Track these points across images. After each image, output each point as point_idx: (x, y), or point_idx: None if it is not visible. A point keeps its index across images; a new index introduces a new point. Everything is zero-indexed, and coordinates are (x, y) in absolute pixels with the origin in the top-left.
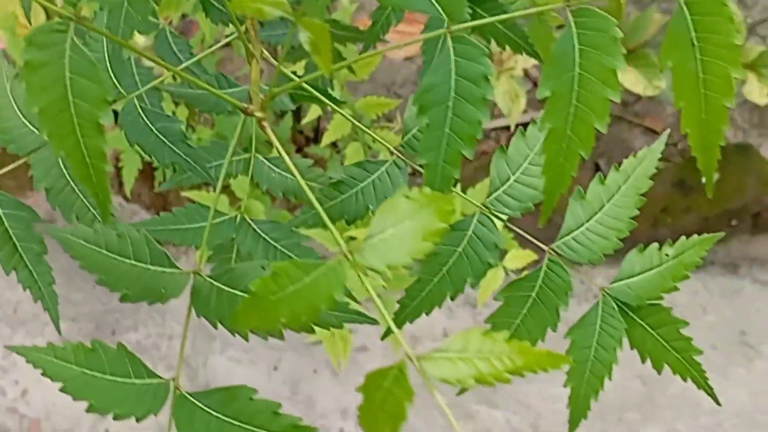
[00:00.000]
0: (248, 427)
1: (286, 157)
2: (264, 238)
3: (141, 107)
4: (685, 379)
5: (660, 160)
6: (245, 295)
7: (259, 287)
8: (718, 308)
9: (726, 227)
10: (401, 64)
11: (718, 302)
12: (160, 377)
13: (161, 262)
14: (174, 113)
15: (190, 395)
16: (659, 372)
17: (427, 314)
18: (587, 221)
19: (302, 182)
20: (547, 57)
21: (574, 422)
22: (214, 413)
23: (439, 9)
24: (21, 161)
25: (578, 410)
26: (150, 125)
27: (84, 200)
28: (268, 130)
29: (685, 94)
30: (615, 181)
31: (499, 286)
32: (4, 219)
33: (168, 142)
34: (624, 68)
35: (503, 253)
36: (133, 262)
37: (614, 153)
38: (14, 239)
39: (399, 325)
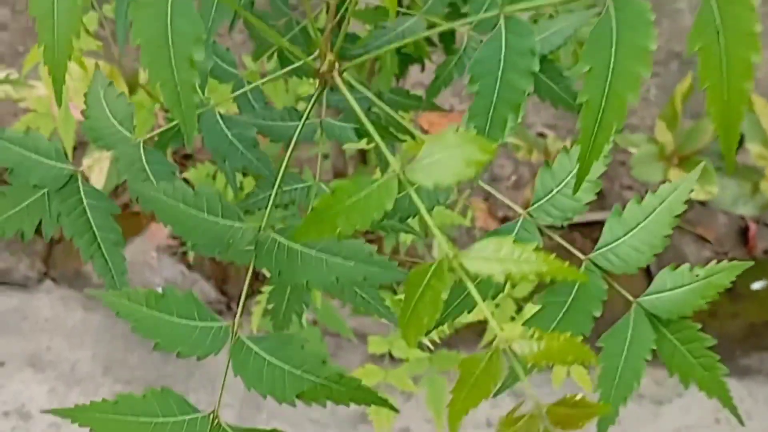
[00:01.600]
0: (297, 372)
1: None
2: None
3: (219, 114)
4: (710, 397)
5: None
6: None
7: (320, 203)
8: (763, 416)
9: None
10: None
11: (763, 410)
12: (222, 321)
13: (231, 216)
14: None
15: (248, 338)
16: (686, 386)
17: None
18: (623, 236)
19: None
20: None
21: (602, 428)
22: (267, 356)
23: None
24: (108, 152)
25: (607, 416)
26: (226, 131)
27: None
28: (344, 89)
29: (710, 75)
30: (651, 203)
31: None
32: (87, 209)
33: (241, 147)
34: (655, 47)
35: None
36: (206, 215)
37: (665, 258)
38: (94, 228)
39: None
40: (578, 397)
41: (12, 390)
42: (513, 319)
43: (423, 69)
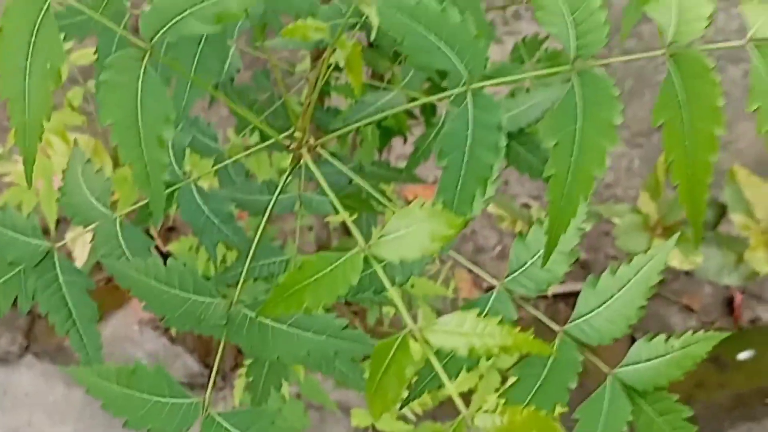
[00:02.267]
0: None
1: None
2: None
3: (197, 188)
4: None
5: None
6: None
7: (287, 279)
8: None
9: (760, 405)
10: None
11: None
12: (192, 397)
13: (203, 292)
14: None
15: (218, 414)
16: None
17: None
18: (597, 307)
19: None
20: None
21: None
22: None
23: (461, 68)
24: (90, 228)
25: None
26: (203, 206)
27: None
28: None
29: (674, 149)
30: (626, 274)
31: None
32: (63, 285)
33: (217, 222)
34: (620, 122)
35: None
36: (178, 291)
37: (651, 327)
38: (69, 305)
39: None
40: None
41: None
42: (497, 390)
43: (405, 141)
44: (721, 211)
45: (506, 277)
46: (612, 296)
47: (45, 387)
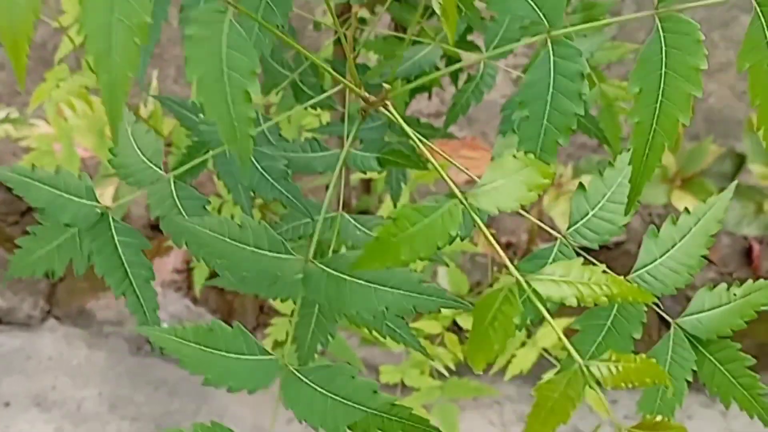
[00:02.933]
0: (349, 402)
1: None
2: None
3: (240, 162)
4: (751, 416)
5: None
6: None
7: (382, 232)
8: None
9: None
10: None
11: None
12: (271, 354)
13: (278, 249)
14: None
15: (297, 371)
16: (727, 407)
17: None
18: (660, 257)
19: None
20: (616, 140)
21: None
22: (318, 388)
23: (541, 15)
24: (143, 190)
25: None
26: (256, 163)
27: (192, 224)
28: (390, 107)
29: (761, 92)
30: (687, 223)
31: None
32: (118, 246)
33: (271, 179)
34: (706, 67)
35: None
36: (253, 248)
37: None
38: (126, 265)
39: None
40: (657, 419)
41: (17, 430)
42: (524, 344)
43: (430, 97)
44: (740, 161)
45: (568, 228)
46: (674, 245)
47: (68, 350)
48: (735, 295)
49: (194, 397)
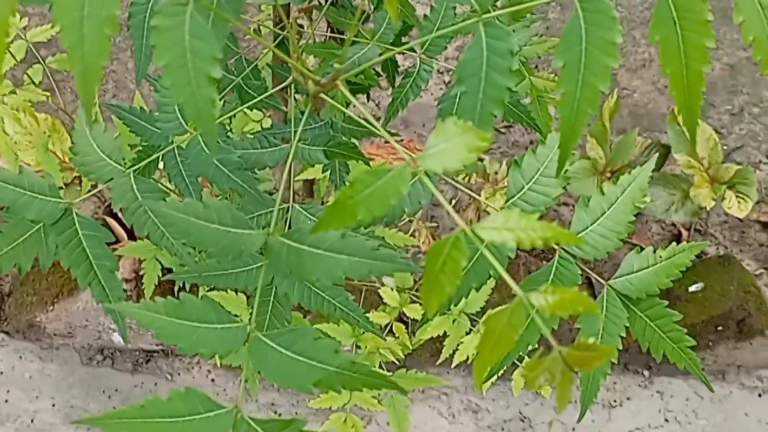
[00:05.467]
0: (313, 362)
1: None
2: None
3: (204, 142)
4: (681, 367)
5: None
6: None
7: (340, 195)
8: (710, 413)
9: (713, 334)
10: None
11: (709, 407)
12: (238, 322)
13: (241, 225)
14: None
15: (264, 335)
16: (658, 360)
17: None
18: (591, 224)
19: None
20: (546, 128)
21: (585, 403)
22: (284, 351)
23: (473, 2)
24: (103, 186)
25: (589, 392)
26: (211, 156)
27: (153, 218)
28: (341, 87)
29: (671, 62)
30: (614, 193)
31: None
32: (82, 239)
33: (227, 171)
34: (620, 41)
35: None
36: (217, 226)
37: (603, 268)
38: (90, 258)
39: None
40: (590, 341)
41: None
42: (468, 333)
43: (368, 98)
44: (666, 151)
45: (506, 201)
46: (603, 213)
47: (19, 364)
48: (660, 257)
49: None
